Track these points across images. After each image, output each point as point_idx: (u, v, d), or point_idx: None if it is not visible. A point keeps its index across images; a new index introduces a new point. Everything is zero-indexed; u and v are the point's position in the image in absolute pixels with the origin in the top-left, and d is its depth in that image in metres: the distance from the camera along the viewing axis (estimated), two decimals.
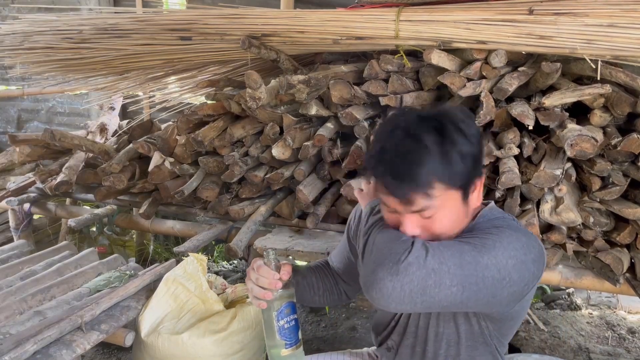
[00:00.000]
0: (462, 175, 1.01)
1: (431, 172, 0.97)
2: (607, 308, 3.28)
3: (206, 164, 2.18)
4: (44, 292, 1.80)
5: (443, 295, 0.94)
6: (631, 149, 1.68)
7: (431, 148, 0.97)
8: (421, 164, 0.97)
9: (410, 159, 0.98)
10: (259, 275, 1.17)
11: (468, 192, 1.05)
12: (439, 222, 1.04)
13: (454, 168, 0.99)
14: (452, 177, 1.00)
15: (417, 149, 0.98)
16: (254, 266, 1.19)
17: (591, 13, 1.76)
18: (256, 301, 1.17)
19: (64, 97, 4.62)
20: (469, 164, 1.01)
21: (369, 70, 2.00)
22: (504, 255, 0.99)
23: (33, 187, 2.70)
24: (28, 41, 2.44)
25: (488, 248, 0.99)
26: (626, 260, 1.75)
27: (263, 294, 1.15)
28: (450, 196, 1.02)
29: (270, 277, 1.16)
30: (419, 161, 0.97)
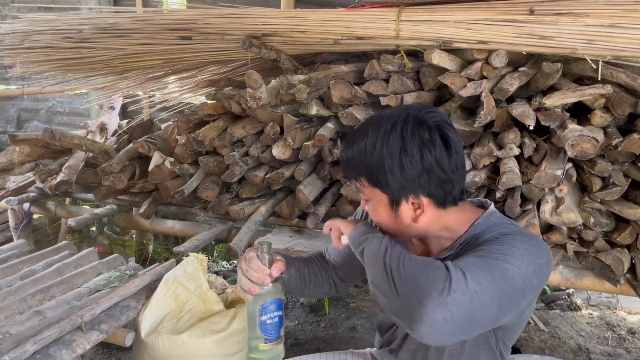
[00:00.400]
0: (385, 184, 1.06)
1: (362, 165, 1.07)
2: (607, 308, 3.28)
3: (206, 164, 2.18)
4: (43, 292, 1.79)
5: (486, 316, 0.93)
6: (632, 150, 1.68)
7: (373, 147, 1.05)
8: (360, 154, 1.07)
9: (356, 146, 1.08)
10: (249, 268, 1.16)
11: (395, 202, 1.07)
12: (371, 210, 1.13)
13: (379, 174, 1.05)
14: (375, 179, 1.07)
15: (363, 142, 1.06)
16: (246, 256, 1.17)
17: (592, 13, 1.75)
18: (242, 293, 1.17)
19: (63, 96, 4.62)
20: (399, 177, 1.04)
21: (370, 70, 2.00)
22: (524, 262, 0.98)
23: (33, 186, 2.69)
24: (28, 40, 2.43)
25: (509, 258, 0.97)
26: (627, 260, 1.75)
27: (250, 287, 1.15)
28: (377, 194, 1.09)
29: (260, 272, 1.15)
30: (360, 152, 1.07)
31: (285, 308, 3.23)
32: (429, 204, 1.07)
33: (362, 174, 1.08)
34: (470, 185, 1.80)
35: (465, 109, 2.05)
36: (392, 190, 1.06)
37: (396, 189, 1.05)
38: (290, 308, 3.22)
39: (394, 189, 1.06)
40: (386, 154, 1.03)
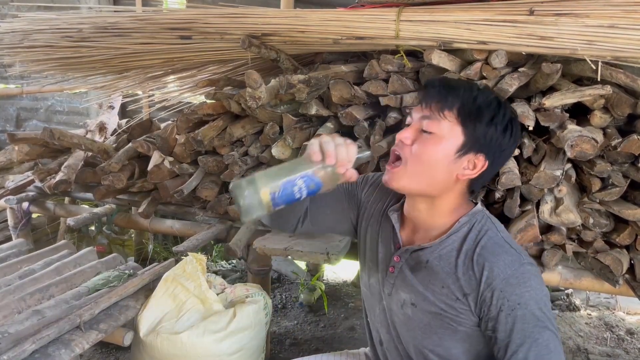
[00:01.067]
0: (475, 127, 1.09)
1: (458, 100, 1.10)
2: (605, 309, 3.29)
3: (205, 164, 2.18)
4: (42, 291, 1.79)
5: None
6: (631, 150, 1.68)
7: (475, 92, 1.11)
8: (459, 90, 1.11)
9: (456, 85, 1.13)
10: (344, 145, 1.07)
11: (466, 150, 1.11)
12: (427, 147, 1.11)
13: (476, 114, 1.09)
14: (467, 118, 1.09)
15: (467, 85, 1.15)
16: (347, 140, 1.09)
17: (592, 14, 1.76)
18: (316, 150, 1.05)
19: (63, 95, 4.62)
20: (487, 130, 1.10)
21: (369, 70, 2.00)
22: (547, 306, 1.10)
23: (32, 185, 2.69)
24: (27, 39, 2.43)
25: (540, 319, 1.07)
26: (626, 261, 1.75)
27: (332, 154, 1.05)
28: (453, 134, 1.10)
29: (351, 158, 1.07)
30: (460, 89, 1.11)
31: (284, 308, 3.23)
32: (478, 171, 1.14)
33: (457, 109, 1.10)
34: None
35: None
36: (476, 139, 1.11)
37: (479, 140, 1.11)
38: (290, 308, 3.22)
39: (478, 139, 1.11)
40: (502, 110, 1.12)
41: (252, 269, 2.27)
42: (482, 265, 1.10)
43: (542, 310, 1.07)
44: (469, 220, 1.17)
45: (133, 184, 2.40)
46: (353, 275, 3.74)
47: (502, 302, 1.08)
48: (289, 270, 3.70)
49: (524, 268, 1.09)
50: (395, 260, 1.23)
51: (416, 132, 1.13)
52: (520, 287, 1.07)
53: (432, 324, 1.17)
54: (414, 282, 1.18)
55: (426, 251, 1.18)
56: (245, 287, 2.02)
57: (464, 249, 1.14)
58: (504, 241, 1.14)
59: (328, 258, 1.90)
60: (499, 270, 1.09)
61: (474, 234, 1.15)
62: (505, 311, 1.08)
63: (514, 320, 1.07)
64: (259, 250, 2.00)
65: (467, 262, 1.12)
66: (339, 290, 3.52)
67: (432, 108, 1.11)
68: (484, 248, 1.12)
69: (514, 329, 1.07)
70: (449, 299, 1.14)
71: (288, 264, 3.75)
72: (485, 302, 1.09)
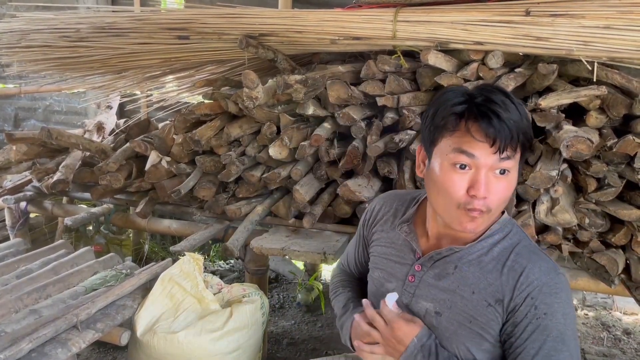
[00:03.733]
0: (529, 138, 1.05)
1: (519, 125, 1.00)
2: (602, 309, 3.30)
3: (203, 164, 2.18)
4: (39, 291, 1.79)
5: None
6: (627, 151, 1.69)
7: (517, 104, 1.02)
8: (513, 114, 1.00)
9: (506, 106, 1.00)
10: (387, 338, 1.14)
11: (522, 164, 1.08)
12: (506, 185, 1.04)
13: (529, 129, 1.04)
14: (527, 137, 1.03)
15: (507, 101, 1.00)
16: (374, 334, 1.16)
17: (588, 15, 1.77)
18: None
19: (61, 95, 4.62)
20: (531, 132, 1.05)
21: (366, 70, 2.01)
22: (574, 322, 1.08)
23: (29, 185, 2.69)
24: (25, 39, 2.43)
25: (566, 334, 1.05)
26: (621, 261, 1.76)
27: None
28: (518, 160, 1.06)
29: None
30: (513, 111, 1.00)
31: (282, 308, 3.23)
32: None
33: (519, 137, 1.01)
34: None
35: None
36: (529, 146, 1.07)
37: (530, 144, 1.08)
38: (287, 308, 3.22)
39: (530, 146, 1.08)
40: (528, 116, 1.05)
41: (249, 269, 2.27)
42: (518, 271, 1.07)
43: (567, 326, 1.04)
44: (501, 228, 1.13)
45: (131, 183, 2.41)
46: None
47: (530, 309, 1.05)
48: (287, 270, 3.70)
49: (559, 278, 1.07)
50: (417, 269, 1.18)
51: (488, 177, 1.03)
52: (551, 297, 1.05)
53: (459, 333, 1.11)
54: (440, 290, 1.14)
55: (454, 256, 1.13)
56: (242, 286, 2.02)
57: (497, 254, 1.10)
58: (538, 249, 1.12)
59: (325, 258, 1.90)
60: (534, 277, 1.06)
61: (508, 242, 1.12)
62: (529, 318, 1.05)
63: (535, 329, 1.04)
64: (256, 250, 2.00)
65: (500, 267, 1.09)
66: None
67: (508, 150, 1.00)
68: (519, 255, 1.09)
69: (532, 337, 1.04)
70: (479, 305, 1.09)
71: (286, 263, 3.76)
72: (515, 307, 1.06)
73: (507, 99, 1.02)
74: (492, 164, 1.01)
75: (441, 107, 1.05)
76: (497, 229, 1.13)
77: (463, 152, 1.01)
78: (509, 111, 0.99)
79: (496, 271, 1.09)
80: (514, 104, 1.01)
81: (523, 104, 1.08)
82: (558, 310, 1.04)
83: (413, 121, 1.92)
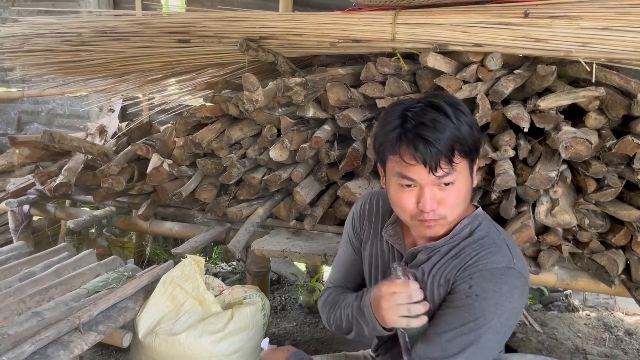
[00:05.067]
0: (473, 145, 1.08)
1: (453, 138, 1.04)
2: (604, 310, 3.29)
3: (204, 166, 2.19)
4: (42, 293, 1.80)
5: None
6: (626, 151, 1.69)
7: (451, 116, 1.04)
8: (446, 129, 1.03)
9: (436, 125, 1.03)
10: (410, 292, 1.10)
11: (472, 168, 1.11)
12: (455, 194, 1.08)
13: (468, 136, 1.06)
14: (467, 145, 1.06)
15: (440, 117, 1.04)
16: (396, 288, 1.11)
17: (586, 16, 1.77)
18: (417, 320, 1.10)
19: (63, 99, 4.64)
20: (476, 135, 1.08)
21: (366, 72, 2.01)
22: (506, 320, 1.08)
23: (32, 188, 2.71)
24: (28, 43, 2.45)
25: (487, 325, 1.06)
26: (621, 261, 1.76)
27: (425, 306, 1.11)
28: (464, 166, 1.09)
29: (419, 288, 1.12)
30: (444, 127, 1.03)
31: (283, 309, 3.24)
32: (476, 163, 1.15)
33: (457, 149, 1.05)
34: None
35: None
36: (476, 151, 1.10)
37: (477, 149, 1.11)
38: (289, 309, 3.23)
39: (477, 152, 1.11)
40: (463, 118, 1.06)
41: (250, 271, 2.28)
42: (470, 257, 1.11)
43: (494, 316, 1.05)
44: (471, 222, 1.17)
45: (132, 186, 2.42)
46: None
47: (464, 287, 1.08)
48: (288, 271, 3.71)
49: (507, 271, 1.08)
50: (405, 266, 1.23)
51: (434, 193, 1.08)
52: (489, 283, 1.07)
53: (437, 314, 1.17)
54: (419, 282, 1.18)
55: (427, 251, 1.18)
56: (243, 288, 2.03)
57: (462, 245, 1.14)
58: (505, 243, 1.14)
59: (326, 259, 1.91)
60: (481, 263, 1.09)
61: (477, 236, 1.15)
62: (460, 294, 1.08)
63: (461, 305, 1.07)
64: (257, 252, 2.01)
65: (461, 253, 1.13)
66: None
67: (443, 167, 1.05)
68: (481, 245, 1.12)
69: (456, 310, 1.08)
70: (442, 290, 1.14)
71: (287, 265, 3.76)
72: (454, 286, 1.11)
73: (439, 113, 1.05)
74: (432, 181, 1.07)
75: (380, 132, 1.12)
76: (467, 223, 1.17)
77: (403, 176, 1.08)
78: (437, 130, 1.03)
79: (456, 257, 1.13)
80: (449, 117, 1.04)
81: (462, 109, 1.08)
82: (491, 297, 1.06)
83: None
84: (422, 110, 1.06)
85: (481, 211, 1.21)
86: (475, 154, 1.11)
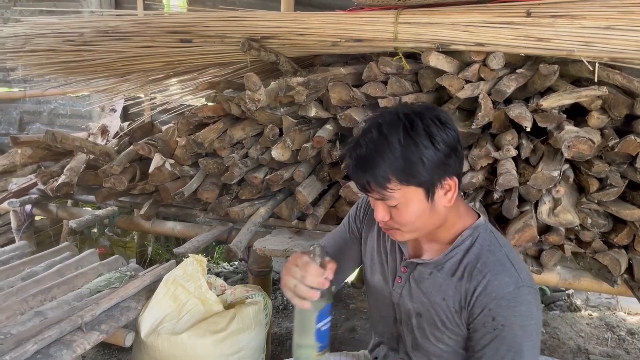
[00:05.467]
0: (420, 176, 1.06)
1: (389, 168, 1.05)
2: (606, 309, 3.29)
3: (206, 166, 2.19)
4: (44, 293, 1.80)
5: None
6: (629, 151, 1.69)
7: (394, 146, 1.05)
8: (382, 158, 1.05)
9: (374, 153, 1.06)
10: (306, 273, 1.07)
11: (431, 192, 1.09)
12: (402, 214, 1.10)
13: (412, 168, 1.05)
14: (409, 176, 1.06)
15: (382, 146, 1.06)
16: (299, 263, 1.09)
17: (589, 15, 1.77)
18: (299, 301, 1.08)
19: (65, 99, 4.65)
20: (430, 167, 1.05)
21: (368, 72, 2.01)
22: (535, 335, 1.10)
23: (34, 188, 2.71)
24: (30, 43, 2.45)
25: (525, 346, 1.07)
26: (624, 261, 1.75)
27: (310, 293, 1.07)
28: (410, 192, 1.08)
29: (320, 276, 1.08)
30: (381, 156, 1.05)
31: (285, 309, 3.24)
32: (456, 188, 1.12)
33: (393, 177, 1.05)
34: (468, 186, 1.81)
35: (463, 111, 2.06)
36: (428, 179, 1.07)
37: (435, 176, 1.08)
38: (291, 309, 3.23)
39: (433, 177, 1.08)
40: (413, 148, 1.05)
41: (252, 270, 2.28)
42: (478, 281, 1.10)
43: (524, 338, 1.07)
44: (472, 234, 1.16)
45: (134, 186, 2.42)
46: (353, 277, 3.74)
47: (487, 320, 1.08)
48: None
49: (519, 291, 1.08)
50: (402, 270, 1.24)
51: (385, 209, 1.12)
52: (508, 310, 1.07)
53: (436, 334, 1.18)
54: (419, 294, 1.20)
55: (430, 264, 1.19)
56: (246, 288, 2.03)
57: (465, 262, 1.14)
58: (507, 259, 1.13)
59: None
60: (492, 288, 1.09)
61: (477, 249, 1.14)
62: (487, 328, 1.09)
63: (492, 339, 1.08)
64: (259, 251, 2.01)
65: (467, 276, 1.12)
66: (339, 292, 3.53)
67: (375, 191, 1.08)
68: (484, 264, 1.12)
69: (490, 346, 1.08)
70: (449, 311, 1.15)
71: None
72: (472, 316, 1.11)
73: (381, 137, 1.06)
74: (374, 199, 1.12)
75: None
76: (468, 235, 1.17)
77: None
78: (372, 154, 1.06)
79: (462, 279, 1.13)
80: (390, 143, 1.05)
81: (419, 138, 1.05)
82: (515, 323, 1.07)
83: None
84: (369, 130, 1.09)
85: (482, 221, 1.19)
86: (428, 183, 1.07)
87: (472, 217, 1.20)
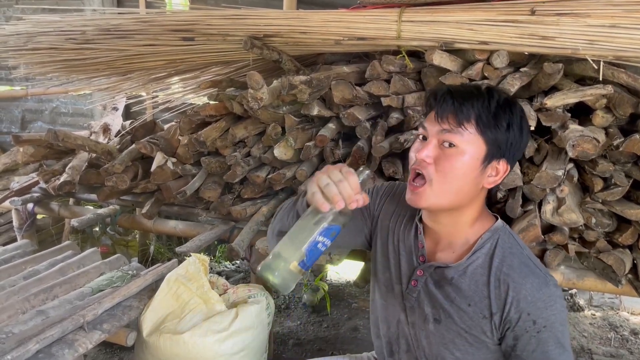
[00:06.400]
0: (498, 135, 1.08)
1: (479, 111, 1.07)
2: (610, 309, 3.28)
3: (208, 165, 2.19)
4: (46, 292, 1.80)
5: None
6: (633, 150, 1.68)
7: (494, 104, 1.08)
8: (479, 102, 1.08)
9: (477, 95, 1.09)
10: (346, 180, 1.01)
11: (490, 159, 1.09)
12: (452, 160, 1.08)
13: (498, 125, 1.07)
14: (490, 128, 1.07)
15: (484, 96, 1.09)
16: (344, 169, 1.04)
17: (593, 14, 1.75)
18: (322, 201, 1.01)
19: (67, 97, 4.65)
20: (509, 137, 1.09)
21: (371, 70, 2.00)
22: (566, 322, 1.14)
23: (36, 187, 2.71)
24: (32, 42, 2.45)
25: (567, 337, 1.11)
26: (628, 261, 1.74)
27: (338, 199, 1.00)
28: (476, 144, 1.08)
29: (356, 189, 1.02)
30: (480, 101, 1.08)
31: (287, 308, 3.23)
32: (502, 177, 1.14)
33: (476, 120, 1.07)
34: None
35: None
36: (497, 146, 1.09)
37: (501, 147, 1.10)
38: (293, 308, 3.22)
39: (500, 146, 1.09)
40: (507, 115, 1.09)
41: (255, 270, 2.27)
42: (508, 286, 1.10)
43: (564, 333, 1.10)
44: (492, 236, 1.15)
45: (136, 185, 2.42)
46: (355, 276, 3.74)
47: (529, 324, 1.08)
48: None
49: (550, 290, 1.10)
50: (419, 274, 1.20)
51: (435, 148, 1.09)
52: (547, 310, 1.09)
53: (456, 342, 1.16)
54: (439, 298, 1.17)
55: (451, 269, 1.16)
56: (248, 287, 2.02)
57: (489, 266, 1.13)
58: (529, 260, 1.13)
59: (330, 258, 1.90)
60: (526, 293, 1.09)
61: (500, 252, 1.13)
62: (530, 332, 1.09)
63: (538, 342, 1.08)
64: (262, 250, 2.01)
65: (494, 281, 1.11)
66: (342, 291, 3.52)
67: (450, 121, 1.07)
68: (511, 268, 1.11)
69: (537, 350, 1.09)
70: (475, 317, 1.13)
71: None
72: (510, 322, 1.10)
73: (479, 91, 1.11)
74: (436, 132, 1.09)
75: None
76: (488, 238, 1.15)
77: (421, 125, 1.15)
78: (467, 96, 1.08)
79: (491, 285, 1.12)
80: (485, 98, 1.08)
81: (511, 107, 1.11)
82: (556, 321, 1.09)
83: (418, 121, 1.92)
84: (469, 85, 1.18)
85: (500, 224, 1.18)
86: (495, 147, 1.08)
87: (490, 220, 1.19)
